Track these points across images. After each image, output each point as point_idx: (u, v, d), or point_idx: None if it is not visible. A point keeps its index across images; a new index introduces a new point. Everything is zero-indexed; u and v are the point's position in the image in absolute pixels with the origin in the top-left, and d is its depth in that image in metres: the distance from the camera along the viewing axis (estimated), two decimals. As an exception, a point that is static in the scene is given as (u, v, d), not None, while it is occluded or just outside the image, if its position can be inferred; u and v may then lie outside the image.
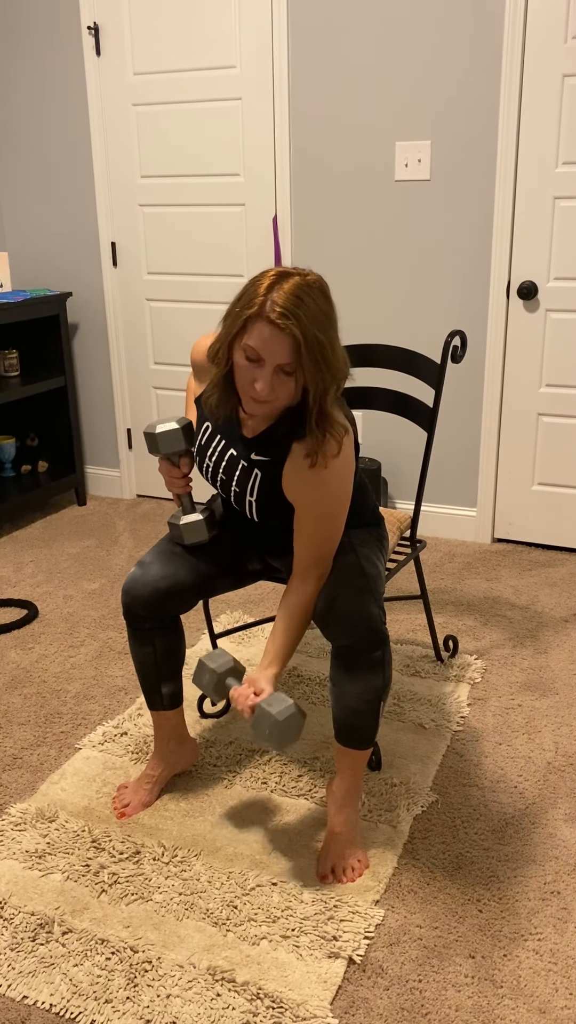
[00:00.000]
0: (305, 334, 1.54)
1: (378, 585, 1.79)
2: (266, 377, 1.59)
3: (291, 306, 1.53)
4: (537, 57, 2.96)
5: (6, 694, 2.53)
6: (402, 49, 3.12)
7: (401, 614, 2.97)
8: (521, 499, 3.45)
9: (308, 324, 1.54)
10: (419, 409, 2.39)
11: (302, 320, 1.53)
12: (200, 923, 1.73)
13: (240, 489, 1.83)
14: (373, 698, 1.75)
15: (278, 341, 1.55)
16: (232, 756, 2.22)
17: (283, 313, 1.53)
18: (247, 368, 1.61)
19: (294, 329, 1.53)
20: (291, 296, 1.54)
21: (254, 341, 1.57)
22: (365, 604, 1.71)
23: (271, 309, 1.54)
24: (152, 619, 1.92)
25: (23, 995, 1.59)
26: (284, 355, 1.57)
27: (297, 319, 1.53)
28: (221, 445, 1.84)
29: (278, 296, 1.54)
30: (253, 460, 1.79)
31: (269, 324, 1.55)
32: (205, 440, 1.87)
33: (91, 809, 2.05)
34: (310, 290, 1.56)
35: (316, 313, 1.56)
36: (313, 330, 1.55)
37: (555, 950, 1.66)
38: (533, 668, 2.61)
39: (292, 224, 3.45)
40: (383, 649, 1.72)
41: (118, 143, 3.65)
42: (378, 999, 1.58)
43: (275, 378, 1.60)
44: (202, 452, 1.88)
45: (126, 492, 4.15)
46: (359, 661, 1.71)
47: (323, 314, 1.57)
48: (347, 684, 1.74)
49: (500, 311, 3.25)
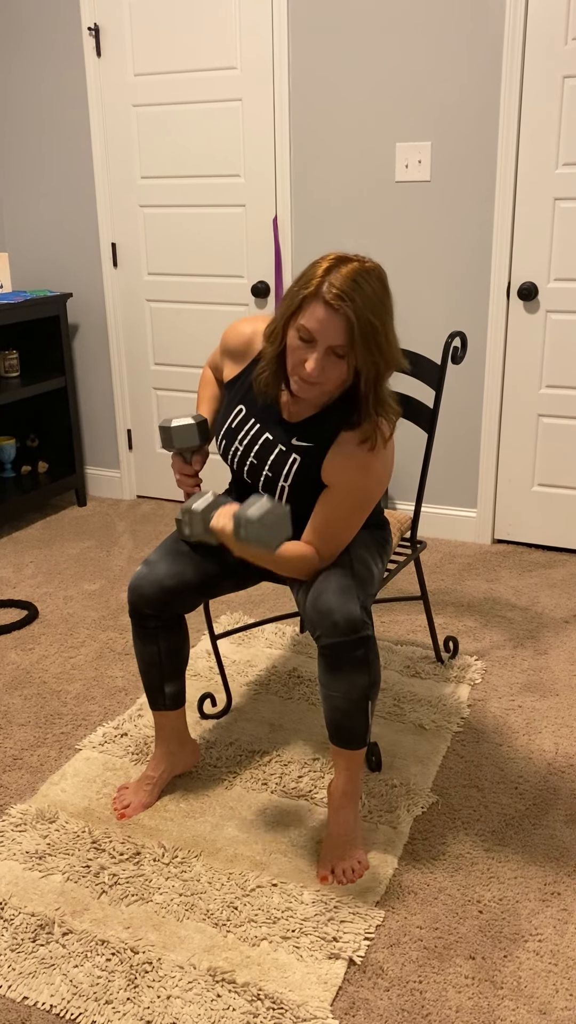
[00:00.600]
0: (359, 317, 1.56)
1: (366, 586, 1.79)
2: (318, 357, 1.60)
3: (347, 288, 1.55)
4: (537, 58, 2.97)
5: (6, 695, 2.53)
6: (402, 50, 3.12)
7: (401, 615, 2.97)
8: (521, 500, 3.45)
9: (363, 307, 1.56)
10: (419, 410, 2.39)
11: (357, 303, 1.55)
12: (200, 924, 1.73)
13: (273, 474, 1.82)
14: (359, 697, 1.75)
15: (332, 322, 1.57)
16: (233, 757, 2.22)
17: (339, 295, 1.55)
18: (299, 348, 1.62)
19: (348, 311, 1.55)
20: (348, 279, 1.56)
21: (308, 321, 1.59)
22: (347, 604, 1.71)
23: (328, 290, 1.56)
24: (158, 617, 1.92)
25: (23, 996, 1.59)
26: (337, 336, 1.58)
27: (352, 301, 1.55)
28: (255, 429, 1.83)
29: (335, 278, 1.56)
30: (294, 445, 1.78)
31: (324, 305, 1.56)
32: (236, 423, 1.86)
33: (91, 810, 2.05)
34: (368, 275, 1.58)
35: (372, 298, 1.57)
36: (367, 314, 1.56)
37: (555, 951, 1.66)
38: (533, 669, 2.61)
39: (292, 225, 3.45)
40: (366, 648, 1.72)
41: (118, 144, 3.65)
42: (378, 1000, 1.58)
43: (326, 360, 1.61)
44: (231, 435, 1.87)
45: (126, 493, 4.15)
46: (342, 660, 1.72)
47: (379, 300, 1.59)
48: (333, 684, 1.75)
49: (500, 312, 3.25)
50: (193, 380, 3.85)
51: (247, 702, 2.46)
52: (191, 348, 3.80)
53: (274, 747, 2.26)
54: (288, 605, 3.04)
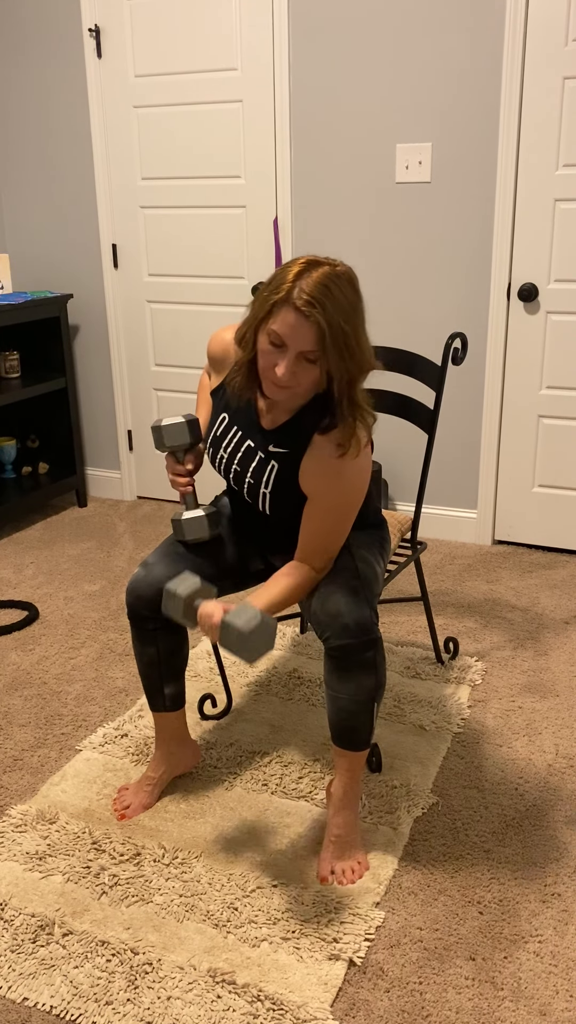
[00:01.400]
0: (330, 323, 1.55)
1: (372, 587, 1.79)
2: (288, 363, 1.59)
3: (318, 294, 1.54)
4: (538, 59, 2.97)
5: (7, 696, 2.53)
6: (403, 51, 3.12)
7: (402, 616, 2.97)
8: (521, 501, 3.45)
9: (333, 313, 1.55)
10: (420, 411, 2.39)
11: (327, 309, 1.54)
12: (201, 925, 1.73)
13: (255, 481, 1.82)
14: (366, 699, 1.75)
15: (302, 328, 1.56)
16: (233, 758, 2.22)
17: (309, 301, 1.54)
18: (270, 353, 1.61)
19: (319, 317, 1.54)
20: (319, 284, 1.55)
21: (279, 326, 1.58)
22: (357, 605, 1.71)
23: (298, 296, 1.55)
24: (156, 619, 1.92)
25: (23, 997, 1.59)
26: (308, 342, 1.57)
27: (323, 307, 1.54)
28: (238, 436, 1.83)
29: (306, 284, 1.55)
30: (271, 452, 1.78)
31: (295, 311, 1.56)
32: (221, 431, 1.86)
33: (92, 811, 2.05)
34: (338, 280, 1.57)
35: (342, 303, 1.56)
36: (338, 319, 1.55)
37: (556, 952, 1.66)
38: (533, 670, 2.61)
39: (293, 226, 3.46)
40: (375, 650, 1.72)
41: (119, 145, 3.65)
42: (378, 1001, 1.58)
43: (297, 365, 1.61)
44: (217, 443, 1.87)
45: (127, 494, 4.15)
46: (351, 662, 1.71)
47: (350, 304, 1.58)
48: (340, 685, 1.74)
49: (500, 313, 3.25)
50: (193, 381, 3.86)
51: (247, 703, 2.46)
52: (191, 349, 3.81)
53: (274, 748, 2.26)
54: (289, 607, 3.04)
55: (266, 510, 1.85)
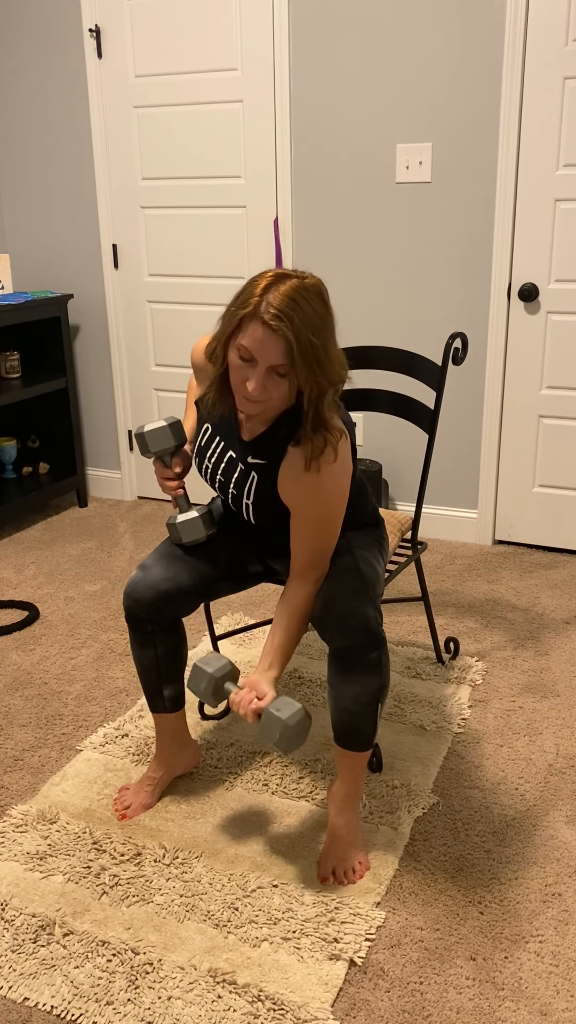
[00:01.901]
0: (298, 336, 1.54)
1: (375, 587, 1.79)
2: (258, 377, 1.59)
3: (286, 308, 1.53)
4: (538, 60, 2.97)
5: (7, 696, 2.53)
6: (403, 51, 3.12)
7: (402, 616, 2.97)
8: (522, 501, 3.45)
9: (301, 326, 1.54)
10: (420, 411, 2.39)
11: (295, 322, 1.53)
12: (201, 925, 1.73)
13: (238, 491, 1.83)
14: (370, 700, 1.75)
15: (271, 342, 1.55)
16: (233, 758, 2.22)
17: (277, 315, 1.53)
18: (240, 367, 1.61)
19: (287, 331, 1.53)
20: (286, 298, 1.54)
21: (247, 341, 1.57)
22: (361, 606, 1.71)
23: (265, 310, 1.54)
24: (154, 622, 1.92)
25: (24, 997, 1.59)
26: (277, 356, 1.56)
27: (290, 321, 1.53)
28: (220, 447, 1.84)
29: (273, 297, 1.54)
30: (250, 463, 1.79)
31: (263, 325, 1.55)
32: (204, 442, 1.87)
33: (92, 811, 2.05)
34: (307, 293, 1.56)
35: (311, 316, 1.55)
36: (307, 333, 1.54)
37: (556, 952, 1.66)
38: (534, 670, 2.61)
39: (293, 226, 3.46)
40: (379, 651, 1.72)
41: (119, 145, 3.66)
42: (379, 1001, 1.58)
43: (268, 379, 1.60)
44: (201, 453, 1.88)
45: (127, 494, 4.15)
46: (355, 663, 1.71)
47: (318, 317, 1.57)
48: (344, 686, 1.74)
49: (501, 313, 3.25)
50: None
51: (248, 703, 2.46)
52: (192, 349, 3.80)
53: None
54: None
55: (251, 519, 1.85)
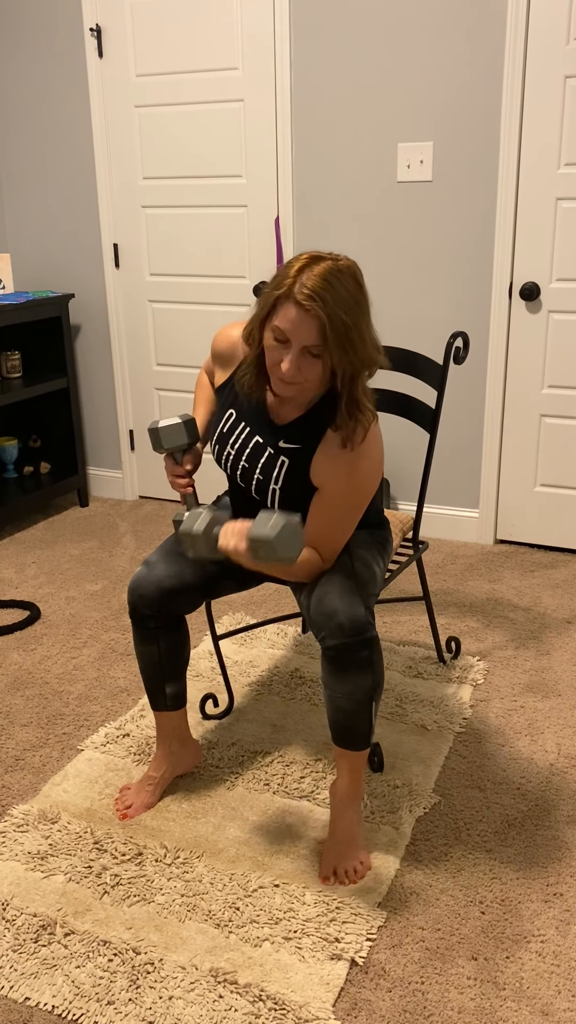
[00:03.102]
0: (331, 316, 1.55)
1: (368, 587, 1.79)
2: (293, 358, 1.60)
3: (319, 288, 1.55)
4: (539, 59, 2.96)
5: (8, 695, 2.53)
6: (404, 50, 3.12)
7: (403, 615, 2.97)
8: (523, 500, 3.45)
9: (335, 307, 1.55)
10: (421, 410, 2.39)
11: (328, 303, 1.55)
12: (202, 925, 1.73)
13: (264, 477, 1.82)
14: (363, 698, 1.75)
15: (304, 322, 1.57)
16: (234, 757, 2.22)
17: (310, 295, 1.55)
18: (275, 348, 1.62)
19: (320, 311, 1.54)
20: (320, 279, 1.55)
21: (281, 321, 1.59)
22: (352, 605, 1.71)
23: (299, 291, 1.56)
24: (157, 618, 1.92)
25: (25, 996, 1.59)
26: (310, 336, 1.58)
27: (323, 301, 1.54)
28: (246, 432, 1.83)
29: (307, 278, 1.56)
30: (281, 448, 1.78)
31: (296, 305, 1.56)
32: (228, 427, 1.86)
33: (93, 810, 2.05)
34: (340, 274, 1.58)
35: (344, 297, 1.57)
36: (340, 313, 1.56)
37: (558, 952, 1.66)
38: (536, 669, 2.61)
39: (294, 225, 3.45)
40: (370, 650, 1.72)
41: (120, 145, 3.65)
42: (380, 1001, 1.58)
43: (302, 360, 1.61)
44: (223, 440, 1.87)
45: (128, 493, 4.15)
46: (347, 662, 1.71)
47: (352, 298, 1.58)
48: (336, 685, 1.74)
49: (502, 312, 3.25)
50: (195, 381, 3.86)
51: (249, 703, 2.46)
52: (193, 349, 3.80)
53: (276, 748, 2.25)
54: (290, 606, 3.04)
55: (275, 507, 1.84)
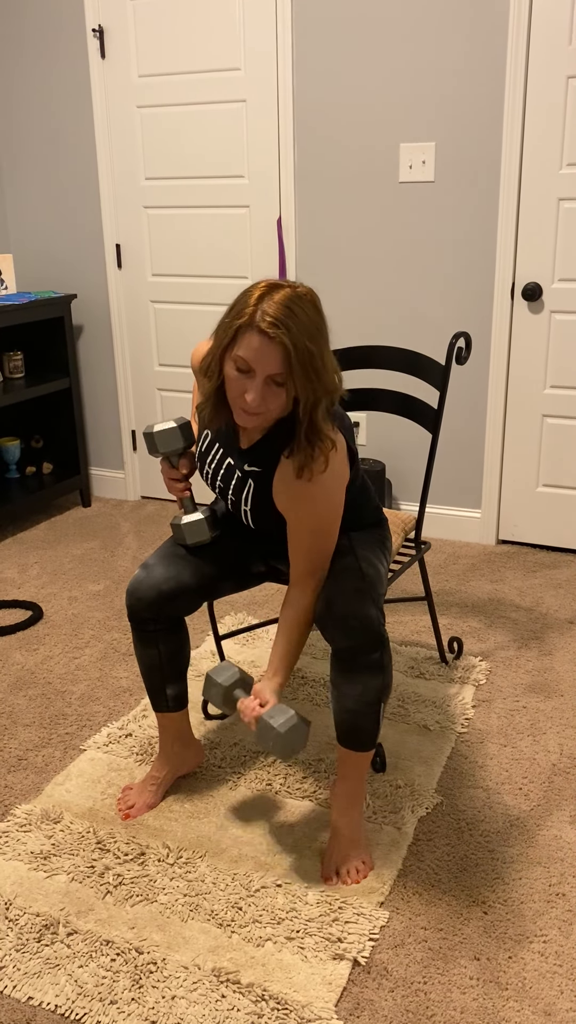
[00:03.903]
0: (295, 344, 1.54)
1: (377, 587, 1.79)
2: (257, 388, 1.58)
3: (282, 316, 1.53)
4: (541, 59, 2.97)
5: (11, 695, 2.54)
6: (406, 51, 3.12)
7: (406, 616, 2.97)
8: (526, 501, 3.45)
9: (298, 334, 1.54)
10: (423, 411, 2.39)
11: (292, 330, 1.53)
12: (205, 924, 1.73)
13: (236, 498, 1.84)
14: (372, 700, 1.75)
15: (268, 350, 1.55)
16: (237, 758, 2.22)
17: (273, 323, 1.53)
18: (238, 379, 1.60)
19: (284, 338, 1.53)
20: (281, 306, 1.54)
21: (244, 351, 1.57)
22: (363, 606, 1.71)
23: (261, 318, 1.54)
24: (156, 621, 1.92)
25: (28, 996, 1.60)
26: (275, 365, 1.56)
27: (287, 328, 1.53)
28: (219, 453, 1.85)
29: (268, 306, 1.54)
30: (247, 470, 1.79)
31: (259, 334, 1.54)
32: (204, 448, 1.88)
33: (96, 810, 2.05)
34: (300, 301, 1.56)
35: (306, 324, 1.55)
36: (303, 340, 1.54)
37: (560, 952, 1.66)
38: (538, 670, 2.61)
39: (296, 226, 3.46)
40: (382, 651, 1.72)
41: (123, 145, 3.66)
42: (383, 1001, 1.58)
43: (266, 389, 1.60)
44: (202, 459, 1.89)
45: (130, 493, 4.15)
46: (358, 663, 1.71)
47: (313, 325, 1.57)
48: (346, 686, 1.74)
49: (504, 313, 3.25)
50: (197, 381, 3.86)
51: (251, 703, 2.46)
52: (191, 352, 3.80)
53: (278, 748, 2.26)
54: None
55: (250, 524, 1.86)
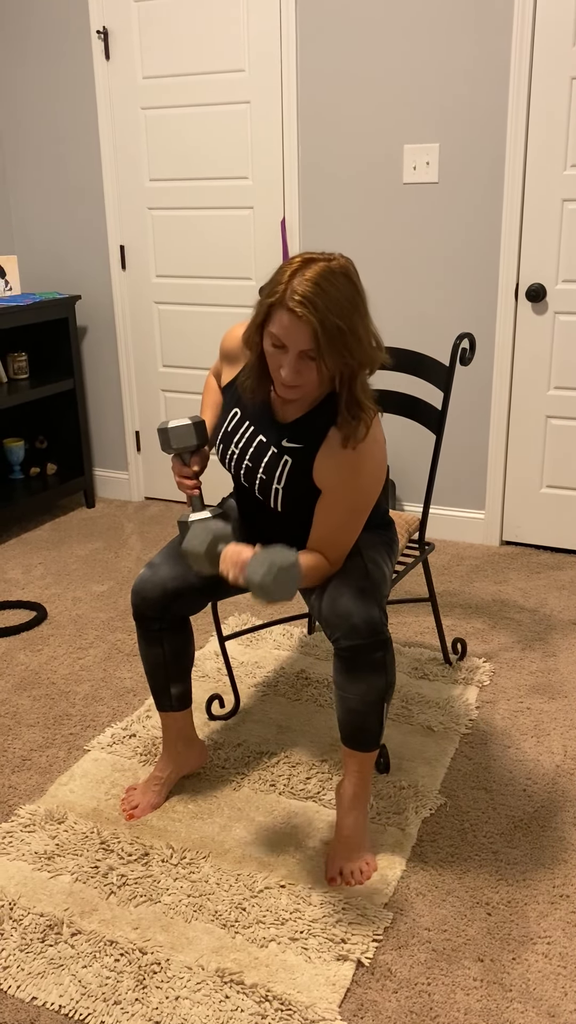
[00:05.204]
0: (323, 322, 1.54)
1: (381, 588, 1.79)
2: (291, 363, 1.60)
3: (310, 294, 1.54)
4: (545, 60, 2.96)
5: (15, 696, 2.54)
6: (410, 51, 3.12)
7: (409, 616, 2.97)
8: (529, 502, 3.45)
9: (326, 311, 1.54)
10: (427, 412, 2.39)
11: (320, 307, 1.54)
12: (209, 925, 1.73)
13: (267, 476, 1.81)
14: (375, 700, 1.75)
15: (297, 329, 1.57)
16: (240, 758, 2.22)
17: (301, 301, 1.54)
18: (274, 354, 1.63)
19: (311, 317, 1.54)
20: (311, 283, 1.55)
21: (276, 328, 1.59)
22: (366, 606, 1.71)
23: (290, 297, 1.55)
24: (161, 620, 1.92)
25: (32, 996, 1.60)
26: (304, 342, 1.58)
27: (314, 306, 1.54)
28: (250, 431, 1.83)
29: (299, 284, 1.55)
30: (285, 447, 1.78)
31: (288, 312, 1.56)
32: (232, 426, 1.86)
33: (100, 811, 2.05)
34: (332, 276, 1.56)
35: (337, 299, 1.56)
36: (332, 317, 1.55)
37: (564, 954, 1.66)
38: (542, 671, 2.61)
39: (300, 227, 3.46)
40: (384, 651, 1.72)
41: (127, 146, 3.66)
42: (387, 1002, 1.58)
43: (300, 363, 1.61)
44: (227, 439, 1.86)
45: (134, 494, 4.16)
46: (361, 663, 1.71)
47: (345, 299, 1.57)
48: (349, 686, 1.74)
49: (508, 314, 3.25)
50: (201, 382, 3.86)
51: (255, 703, 2.46)
52: (199, 350, 3.81)
53: (282, 748, 2.26)
54: (296, 606, 3.04)
55: (278, 507, 1.83)
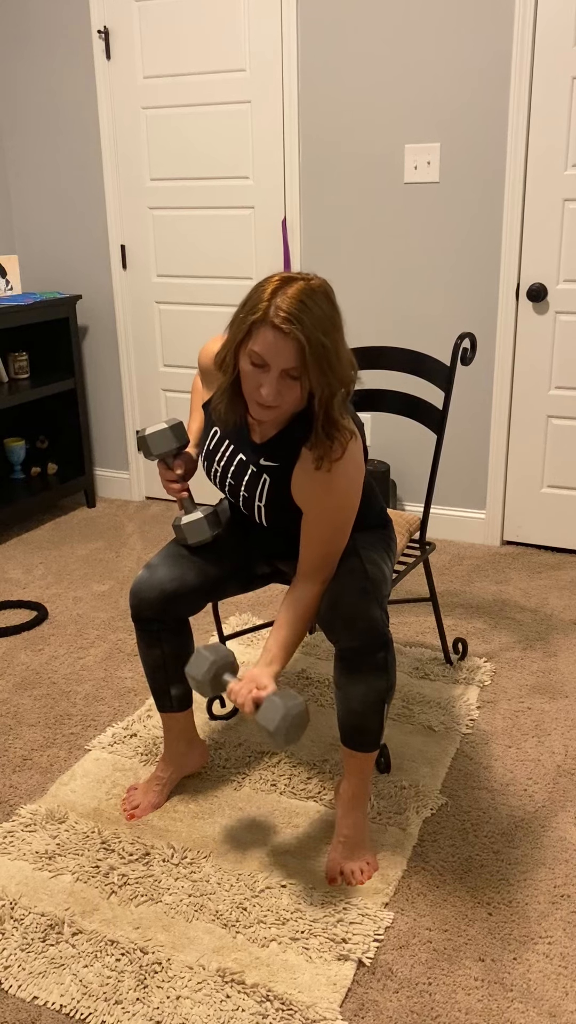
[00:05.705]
0: (309, 338, 1.54)
1: (382, 588, 1.79)
2: (271, 382, 1.59)
3: (295, 310, 1.53)
4: (546, 59, 2.96)
5: (16, 695, 2.54)
6: (411, 51, 3.12)
7: (410, 616, 2.97)
8: (530, 501, 3.45)
9: (312, 328, 1.54)
10: (428, 411, 2.39)
11: (306, 324, 1.53)
12: (210, 925, 1.73)
13: (249, 494, 1.83)
14: (376, 700, 1.75)
15: (283, 346, 1.55)
16: (241, 758, 2.22)
17: (287, 318, 1.53)
18: (253, 374, 1.61)
19: (298, 333, 1.53)
20: (295, 301, 1.54)
21: (259, 346, 1.57)
22: (368, 607, 1.71)
23: (275, 314, 1.54)
24: (160, 621, 1.92)
25: (33, 996, 1.60)
26: (289, 360, 1.56)
27: (301, 323, 1.53)
28: (230, 450, 1.84)
29: (282, 301, 1.54)
30: (262, 465, 1.79)
31: (274, 329, 1.55)
32: (213, 445, 1.87)
33: (101, 810, 2.05)
34: (314, 295, 1.56)
35: (320, 317, 1.55)
36: (317, 334, 1.54)
37: (565, 954, 1.66)
38: (543, 671, 2.61)
39: (301, 226, 3.46)
40: (386, 651, 1.72)
41: (128, 146, 3.66)
42: (387, 1002, 1.58)
43: (281, 383, 1.60)
44: (210, 457, 1.88)
45: (135, 494, 4.16)
46: (362, 663, 1.71)
47: (327, 318, 1.57)
48: (350, 686, 1.74)
49: (509, 313, 3.24)
50: (202, 382, 3.86)
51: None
52: (200, 350, 3.81)
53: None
54: (297, 606, 3.04)
55: (263, 522, 1.85)
